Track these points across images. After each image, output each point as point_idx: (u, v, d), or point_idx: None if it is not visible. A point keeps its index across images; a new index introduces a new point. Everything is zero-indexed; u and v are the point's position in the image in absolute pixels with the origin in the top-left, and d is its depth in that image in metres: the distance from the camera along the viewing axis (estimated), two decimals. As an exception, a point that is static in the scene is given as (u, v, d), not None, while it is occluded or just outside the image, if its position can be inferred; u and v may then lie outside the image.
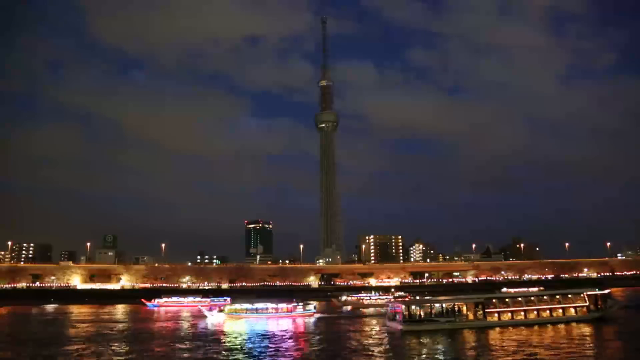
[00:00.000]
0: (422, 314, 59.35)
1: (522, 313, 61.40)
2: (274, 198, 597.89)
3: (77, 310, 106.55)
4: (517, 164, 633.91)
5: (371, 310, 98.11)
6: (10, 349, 51.84)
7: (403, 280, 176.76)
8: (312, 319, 77.06)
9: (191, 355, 45.85)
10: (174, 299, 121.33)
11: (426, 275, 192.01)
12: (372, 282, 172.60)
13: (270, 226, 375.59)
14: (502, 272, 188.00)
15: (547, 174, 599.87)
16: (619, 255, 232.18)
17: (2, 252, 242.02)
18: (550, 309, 62.32)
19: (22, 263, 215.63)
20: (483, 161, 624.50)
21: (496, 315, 60.55)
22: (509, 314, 61.01)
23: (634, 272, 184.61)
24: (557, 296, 64.76)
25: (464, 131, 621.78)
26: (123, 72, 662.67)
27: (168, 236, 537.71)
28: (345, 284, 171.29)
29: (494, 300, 62.84)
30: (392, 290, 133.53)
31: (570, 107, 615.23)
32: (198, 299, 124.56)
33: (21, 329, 73.21)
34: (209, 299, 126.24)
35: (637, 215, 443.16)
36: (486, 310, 60.30)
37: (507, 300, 63.60)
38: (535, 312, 61.67)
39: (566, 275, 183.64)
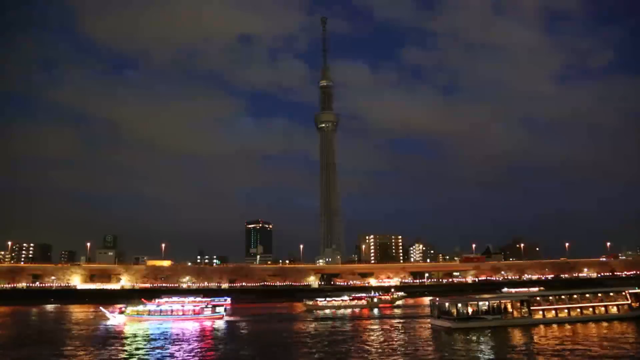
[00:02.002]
0: (469, 311, 60.05)
1: (566, 311, 62.48)
2: (274, 198, 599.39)
3: (77, 310, 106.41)
4: (515, 163, 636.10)
5: (327, 311, 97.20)
6: (7, 350, 51.66)
7: (403, 280, 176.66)
8: (221, 322, 75.57)
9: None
10: (174, 299, 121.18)
11: (426, 275, 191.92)
12: (372, 282, 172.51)
13: (270, 226, 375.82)
14: (502, 272, 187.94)
15: (545, 173, 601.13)
16: (619, 255, 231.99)
17: (2, 252, 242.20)
18: (593, 307, 63.33)
19: (22, 263, 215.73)
20: (481, 161, 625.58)
21: (541, 312, 61.70)
22: (553, 312, 62.10)
23: (634, 272, 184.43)
24: (599, 294, 65.79)
25: (461, 131, 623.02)
26: (117, 72, 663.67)
27: (168, 236, 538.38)
28: (345, 284, 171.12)
29: (538, 298, 63.86)
30: (392, 290, 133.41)
31: (567, 107, 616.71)
32: (198, 299, 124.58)
33: (17, 330, 72.61)
34: (209, 299, 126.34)
35: (637, 215, 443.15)
36: (531, 307, 61.37)
37: (550, 298, 64.39)
38: (579, 310, 62.75)
39: (566, 275, 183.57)
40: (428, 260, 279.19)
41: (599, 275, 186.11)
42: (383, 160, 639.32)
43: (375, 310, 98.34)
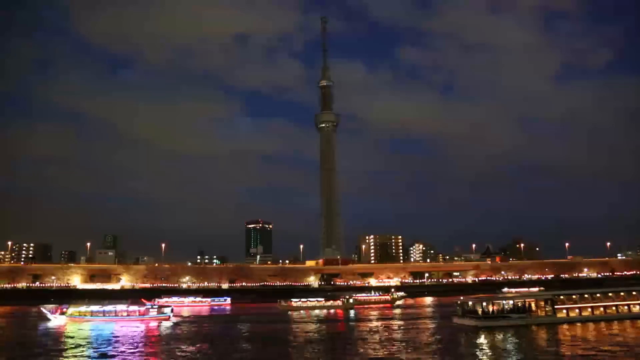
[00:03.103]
0: (495, 310, 60.45)
1: (590, 309, 63.07)
2: (274, 198, 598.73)
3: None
4: (514, 164, 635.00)
5: (302, 312, 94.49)
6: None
7: (403, 280, 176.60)
8: (168, 323, 73.85)
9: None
10: (174, 299, 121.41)
11: (426, 275, 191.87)
12: (372, 282, 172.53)
13: (270, 226, 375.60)
14: (502, 272, 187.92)
15: (544, 174, 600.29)
16: (619, 255, 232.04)
17: (2, 252, 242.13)
18: (616, 306, 63.94)
19: (22, 263, 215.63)
20: (480, 161, 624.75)
21: (565, 311, 62.26)
22: (577, 311, 62.65)
23: (634, 272, 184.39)
24: (622, 293, 66.40)
25: (460, 131, 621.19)
26: (113, 72, 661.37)
27: (168, 236, 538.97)
28: (346, 284, 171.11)
29: (562, 297, 64.37)
30: (393, 290, 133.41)
31: (565, 107, 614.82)
32: (198, 299, 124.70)
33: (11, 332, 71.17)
34: (209, 299, 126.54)
35: (637, 215, 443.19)
36: (555, 306, 61.85)
37: (574, 297, 64.89)
38: (602, 309, 63.39)
39: (566, 275, 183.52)
40: (428, 260, 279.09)
41: (599, 275, 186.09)
42: (382, 160, 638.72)
43: (352, 312, 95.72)
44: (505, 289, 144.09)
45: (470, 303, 62.36)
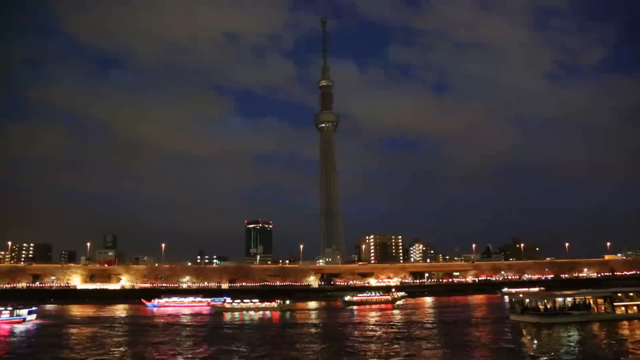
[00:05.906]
0: (555, 307, 61.82)
1: None
2: (274, 198, 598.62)
3: (76, 311, 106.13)
4: (510, 163, 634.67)
5: (236, 314, 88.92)
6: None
7: (403, 280, 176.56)
8: (22, 327, 68.84)
9: None
10: (174, 299, 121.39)
11: (426, 275, 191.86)
12: (372, 282, 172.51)
13: (270, 226, 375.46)
14: (502, 272, 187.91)
15: (540, 173, 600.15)
16: (619, 255, 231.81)
17: (2, 252, 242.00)
18: None
19: (22, 263, 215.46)
20: (475, 160, 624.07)
21: (623, 308, 62.96)
22: (635, 308, 63.27)
23: (634, 272, 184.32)
24: None
25: (455, 130, 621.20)
26: (103, 72, 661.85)
27: (168, 236, 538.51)
28: (345, 284, 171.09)
29: (619, 295, 65.18)
30: (393, 290, 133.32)
31: (559, 105, 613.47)
32: (198, 299, 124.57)
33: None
34: (209, 299, 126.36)
35: (636, 214, 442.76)
36: (614, 303, 62.70)
37: (631, 294, 65.64)
38: None
39: (566, 275, 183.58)
40: (428, 260, 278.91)
41: (599, 275, 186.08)
42: (378, 160, 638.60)
43: (287, 314, 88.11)
44: (505, 289, 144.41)
45: (527, 300, 64.03)
